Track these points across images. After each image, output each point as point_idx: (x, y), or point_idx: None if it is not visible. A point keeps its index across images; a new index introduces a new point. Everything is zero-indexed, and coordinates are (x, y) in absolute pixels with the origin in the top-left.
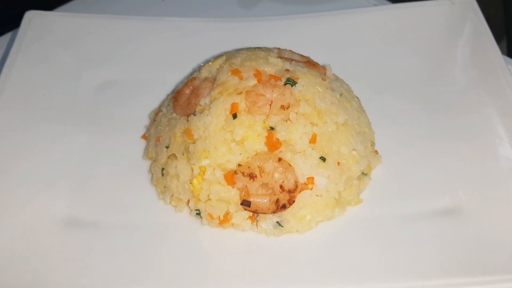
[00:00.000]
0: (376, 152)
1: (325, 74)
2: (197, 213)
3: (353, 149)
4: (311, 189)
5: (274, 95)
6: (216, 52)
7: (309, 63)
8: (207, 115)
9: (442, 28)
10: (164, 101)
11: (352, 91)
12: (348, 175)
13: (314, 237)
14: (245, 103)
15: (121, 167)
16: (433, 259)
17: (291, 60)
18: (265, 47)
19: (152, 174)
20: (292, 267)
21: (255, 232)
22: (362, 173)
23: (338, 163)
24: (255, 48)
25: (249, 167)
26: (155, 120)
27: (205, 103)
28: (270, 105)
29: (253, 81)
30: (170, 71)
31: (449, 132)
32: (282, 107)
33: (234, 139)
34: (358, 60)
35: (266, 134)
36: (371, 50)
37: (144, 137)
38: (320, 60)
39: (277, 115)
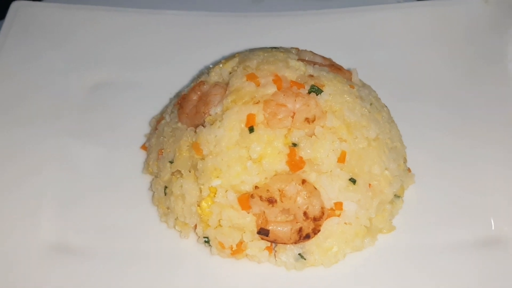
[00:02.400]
0: (408, 170)
1: (350, 79)
2: (205, 241)
3: (386, 168)
4: (339, 216)
5: (297, 106)
6: (225, 50)
7: (333, 67)
8: (219, 127)
9: (477, 28)
10: (167, 106)
11: (380, 99)
12: (380, 198)
13: (341, 271)
14: (264, 114)
15: (117, 183)
16: None
17: (313, 63)
18: (282, 47)
19: (154, 192)
20: None
21: (273, 264)
22: (395, 195)
23: (369, 185)
24: (271, 48)
25: (267, 190)
26: (156, 129)
27: (216, 113)
28: (293, 117)
29: (272, 88)
30: (173, 72)
31: (490, 146)
32: (307, 120)
33: (250, 156)
34: (382, 63)
35: (287, 151)
36: (396, 52)
37: (143, 147)
38: (339, 62)
39: (301, 129)
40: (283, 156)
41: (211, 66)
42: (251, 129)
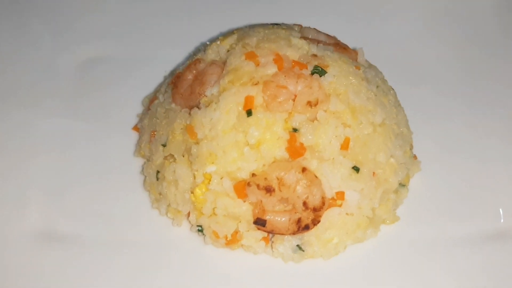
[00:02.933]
0: (415, 157)
1: (356, 59)
2: (198, 230)
3: (391, 156)
4: (341, 206)
5: (299, 88)
6: (224, 26)
7: (338, 46)
8: (215, 109)
9: (497, 10)
10: (160, 85)
11: (386, 81)
12: (384, 187)
13: (342, 263)
14: (263, 96)
15: (107, 166)
16: None
17: (317, 42)
18: (284, 24)
19: (145, 176)
20: None
21: (270, 256)
22: (400, 184)
23: (374, 174)
24: (272, 24)
25: (265, 178)
26: (149, 109)
27: (212, 94)
28: (294, 100)
29: (272, 69)
30: (168, 48)
31: (502, 136)
32: (309, 103)
33: (247, 141)
34: (390, 41)
35: (287, 137)
36: (406, 30)
37: (135, 128)
38: (345, 41)
39: (302, 113)
40: (283, 142)
41: (208, 42)
42: (249, 112)
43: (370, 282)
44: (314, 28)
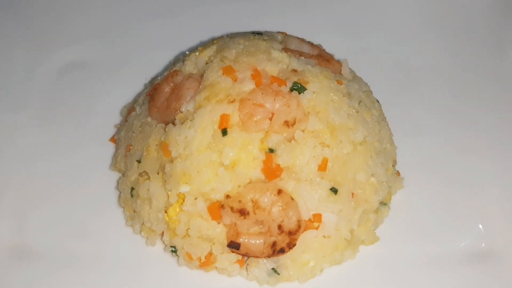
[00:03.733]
0: (398, 173)
1: (340, 72)
2: (172, 250)
3: (372, 175)
4: (317, 228)
5: (277, 106)
6: (208, 32)
7: (321, 58)
8: (190, 127)
9: (487, 15)
10: (139, 94)
11: (371, 92)
12: (364, 208)
13: (318, 286)
14: (239, 114)
15: (82, 179)
16: None
17: (299, 53)
18: (267, 32)
19: (120, 192)
20: None
21: (245, 278)
22: (381, 202)
23: (353, 194)
24: (254, 34)
25: (239, 200)
26: (126, 120)
27: (188, 110)
28: (271, 118)
29: (250, 85)
30: (149, 54)
31: (489, 151)
32: (286, 123)
33: (222, 162)
34: (378, 50)
35: (263, 157)
36: (394, 38)
37: (113, 139)
38: (330, 47)
39: (279, 133)
40: (259, 162)
41: (187, 52)
42: (224, 132)
43: None
44: (298, 38)
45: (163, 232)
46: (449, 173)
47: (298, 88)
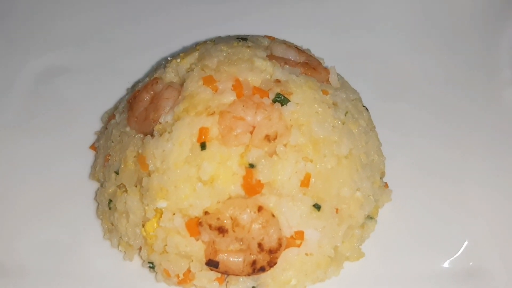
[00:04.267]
0: (385, 185)
1: (327, 80)
2: (150, 266)
3: (357, 189)
4: (299, 245)
5: (258, 119)
6: (195, 35)
7: (308, 66)
8: (168, 140)
9: (482, 16)
10: (120, 100)
11: (361, 99)
12: (348, 224)
13: None
14: (218, 128)
15: (59, 189)
16: None
17: (284, 61)
18: (252, 37)
19: (98, 204)
20: None
21: None
22: (368, 216)
23: (337, 210)
24: (239, 39)
25: (218, 218)
26: (106, 128)
27: (167, 122)
28: (252, 132)
29: (230, 97)
30: (133, 58)
31: (480, 161)
32: (267, 137)
33: (200, 177)
34: (369, 53)
35: (243, 173)
36: (386, 41)
37: (93, 147)
38: (320, 51)
39: (260, 148)
40: (238, 178)
41: (169, 58)
42: (203, 146)
43: None
44: (284, 43)
45: (140, 247)
46: (438, 186)
47: (281, 99)
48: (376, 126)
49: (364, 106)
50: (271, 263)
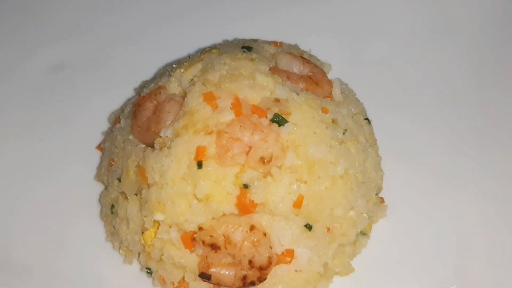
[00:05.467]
0: (382, 200)
1: (330, 93)
2: (147, 272)
3: (351, 208)
4: (289, 263)
5: (255, 139)
6: (201, 34)
7: (311, 81)
8: (167, 156)
9: (493, 23)
10: (127, 103)
11: (364, 111)
12: (340, 241)
13: None
14: (215, 147)
15: (67, 189)
16: None
17: (287, 75)
18: (258, 45)
19: (102, 206)
20: None
21: None
22: (361, 232)
23: (328, 229)
24: (243, 49)
25: (211, 235)
26: (112, 131)
27: (167, 136)
28: (248, 152)
29: (229, 115)
30: (142, 57)
31: (479, 181)
32: (262, 159)
33: (196, 195)
34: (378, 59)
35: (237, 192)
36: (395, 47)
37: (99, 148)
38: (331, 56)
39: (254, 169)
40: (232, 197)
41: (174, 65)
42: (199, 164)
43: None
44: (290, 53)
45: (139, 253)
46: (434, 205)
47: (279, 120)
48: (378, 137)
49: (366, 119)
50: (261, 279)
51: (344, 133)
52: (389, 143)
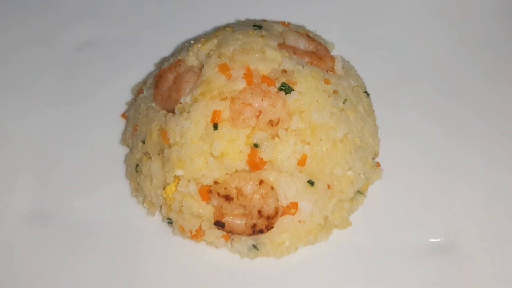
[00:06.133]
0: (378, 164)
1: (332, 67)
2: (168, 222)
3: (349, 169)
4: (294, 214)
5: (264, 105)
6: (216, 15)
7: (315, 56)
8: (186, 119)
9: (495, 12)
10: (148, 76)
11: (364, 85)
12: (339, 198)
13: (291, 263)
14: (229, 111)
15: (95, 152)
16: None
17: (294, 50)
18: (268, 24)
19: (127, 166)
20: None
21: (229, 250)
22: (358, 191)
23: (329, 186)
24: (255, 27)
25: (225, 188)
26: (135, 100)
27: (186, 102)
28: (258, 116)
29: (241, 84)
30: (161, 34)
31: (469, 153)
32: (271, 122)
33: (212, 153)
34: (380, 40)
35: (248, 151)
36: (395, 29)
37: (124, 116)
38: (333, 36)
39: (264, 131)
40: (244, 155)
41: (192, 41)
42: (215, 126)
43: (315, 278)
44: (297, 32)
45: (161, 206)
46: (427, 170)
47: (286, 88)
48: (376, 110)
49: (365, 92)
50: (269, 227)
51: (344, 102)
52: (386, 115)
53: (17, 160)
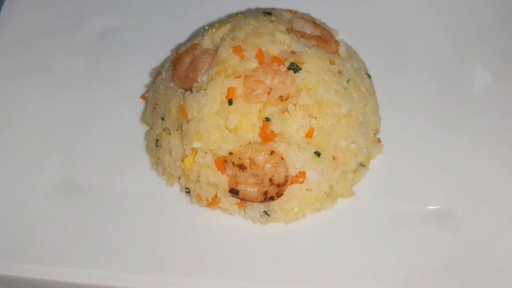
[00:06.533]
0: (379, 140)
1: (337, 51)
2: (186, 191)
3: (352, 142)
4: (302, 183)
5: (275, 82)
6: (229, 4)
7: (320, 39)
8: (203, 96)
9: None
10: (166, 60)
11: (366, 68)
12: (343, 169)
13: (299, 228)
14: (243, 88)
15: (117, 129)
16: (413, 269)
17: (301, 34)
18: (276, 12)
19: (147, 142)
20: (272, 254)
21: (242, 217)
22: (360, 164)
23: (334, 157)
24: (265, 14)
25: (239, 158)
26: (154, 82)
27: (203, 81)
28: (269, 93)
29: (254, 63)
30: (176, 22)
31: (465, 128)
32: (281, 97)
33: (227, 126)
34: (381, 25)
35: (261, 124)
36: (397, 15)
37: (143, 97)
38: (336, 22)
39: (275, 106)
40: (256, 128)
41: (206, 27)
42: (230, 102)
43: (321, 243)
44: (303, 18)
45: (180, 177)
46: (425, 145)
47: (294, 68)
48: (377, 92)
49: (367, 74)
50: (279, 194)
51: (348, 82)
52: (387, 96)
53: (47, 137)
